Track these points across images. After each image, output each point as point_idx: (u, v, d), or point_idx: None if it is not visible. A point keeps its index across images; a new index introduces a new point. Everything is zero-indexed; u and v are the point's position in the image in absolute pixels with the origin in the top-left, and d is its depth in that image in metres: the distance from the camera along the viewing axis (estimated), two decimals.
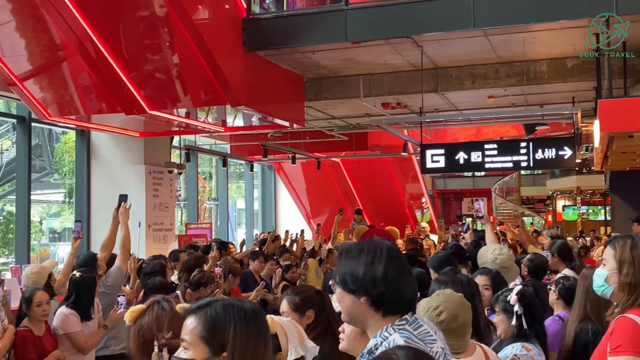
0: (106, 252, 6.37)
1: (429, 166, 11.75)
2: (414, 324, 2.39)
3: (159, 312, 2.67)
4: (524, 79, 10.21)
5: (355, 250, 2.50)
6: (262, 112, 9.74)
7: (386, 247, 2.48)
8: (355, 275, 2.41)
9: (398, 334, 2.33)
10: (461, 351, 3.07)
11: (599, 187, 22.75)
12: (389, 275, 2.39)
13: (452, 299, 3.12)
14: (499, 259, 5.12)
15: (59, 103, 9.38)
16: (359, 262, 2.44)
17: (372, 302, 2.39)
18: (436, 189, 31.70)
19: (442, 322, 3.00)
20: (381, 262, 2.41)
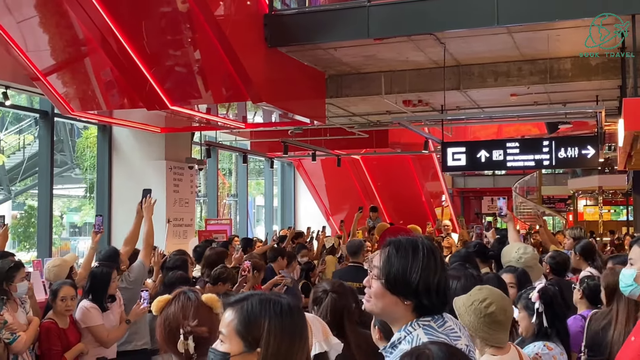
0: (129, 246, 6.38)
1: (450, 164, 11.69)
2: (439, 321, 2.36)
3: (184, 302, 2.69)
4: (547, 77, 10.11)
5: (410, 248, 2.38)
6: (282, 108, 9.72)
7: (437, 250, 2.41)
8: (409, 281, 2.32)
9: (422, 329, 2.31)
10: (502, 346, 3.05)
11: (622, 187, 22.49)
12: (441, 284, 2.35)
13: (496, 292, 3.13)
14: (523, 258, 5.07)
15: (81, 98, 9.43)
16: (414, 266, 2.33)
17: (416, 306, 2.34)
18: (456, 188, 31.56)
19: (491, 313, 2.99)
20: (437, 270, 2.34)
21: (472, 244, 6.98)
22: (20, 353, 5.02)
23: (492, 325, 3.00)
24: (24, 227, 19.46)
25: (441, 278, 2.34)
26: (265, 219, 20.50)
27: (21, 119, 20.17)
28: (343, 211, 19.99)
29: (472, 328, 3.02)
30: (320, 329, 2.64)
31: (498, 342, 3.05)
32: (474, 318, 3.03)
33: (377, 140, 15.89)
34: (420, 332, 2.29)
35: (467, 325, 3.04)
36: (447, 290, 2.38)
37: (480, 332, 3.02)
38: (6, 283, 5.16)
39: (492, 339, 3.03)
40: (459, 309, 3.11)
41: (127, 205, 11.85)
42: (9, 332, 4.90)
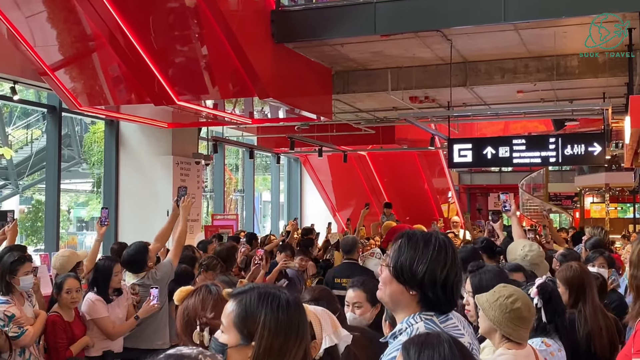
0: (159, 243, 6.31)
1: (457, 160, 11.68)
2: (442, 317, 2.38)
3: (205, 295, 2.75)
4: (554, 74, 10.10)
5: (421, 240, 2.40)
6: (289, 104, 9.74)
7: (452, 246, 2.40)
8: (415, 272, 2.34)
9: (423, 323, 2.33)
10: (523, 342, 3.08)
11: (628, 184, 22.43)
12: (450, 280, 2.35)
13: (519, 290, 3.17)
14: (529, 255, 5.08)
15: (89, 93, 9.47)
16: (422, 257, 2.35)
17: (421, 298, 2.36)
18: (462, 184, 31.51)
19: (517, 309, 3.04)
20: (446, 265, 2.34)
21: (480, 239, 6.99)
22: (28, 346, 5.06)
23: (516, 321, 3.05)
24: (32, 222, 19.53)
25: (450, 273, 2.34)
26: (271, 215, 20.54)
27: (29, 114, 20.24)
28: (349, 207, 20.02)
29: (496, 323, 3.06)
30: (330, 321, 2.65)
31: (520, 339, 3.08)
32: (499, 313, 3.06)
33: (384, 136, 15.90)
34: (420, 326, 2.31)
35: (493, 321, 3.07)
36: (456, 287, 2.37)
37: (504, 327, 3.06)
38: (9, 276, 5.19)
39: (515, 334, 3.07)
40: (482, 304, 3.14)
41: (133, 199, 11.93)
42: (16, 325, 4.94)
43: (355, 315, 3.91)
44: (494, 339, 3.13)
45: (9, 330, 4.88)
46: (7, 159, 19.58)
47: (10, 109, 19.43)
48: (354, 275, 6.52)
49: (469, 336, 2.42)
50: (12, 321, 4.92)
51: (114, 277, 5.63)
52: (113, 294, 5.68)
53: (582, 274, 4.54)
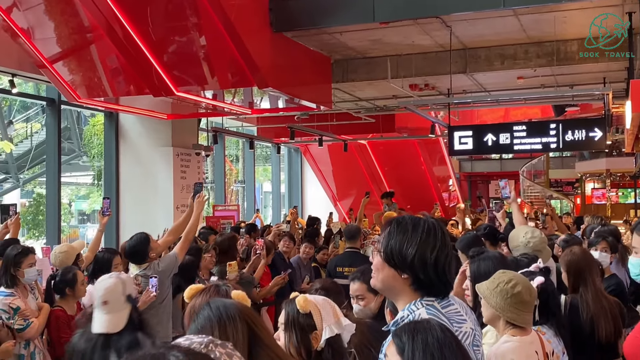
0: (172, 237, 6.25)
1: (457, 148, 11.67)
2: (444, 302, 2.37)
3: (213, 294, 2.73)
4: (554, 60, 10.06)
5: (410, 224, 2.40)
6: (289, 93, 9.71)
7: (441, 229, 2.40)
8: (405, 255, 2.35)
9: (425, 309, 2.31)
10: (528, 326, 3.07)
11: (629, 169, 22.43)
12: (440, 261, 2.34)
13: (519, 275, 3.17)
14: (531, 242, 5.05)
15: (87, 85, 9.44)
16: (411, 240, 2.35)
17: (413, 281, 2.35)
18: (463, 172, 31.51)
19: (517, 294, 3.04)
20: (436, 246, 2.34)
21: (482, 226, 6.97)
22: (32, 339, 5.05)
23: (518, 306, 3.04)
24: (33, 215, 19.52)
25: (440, 255, 2.33)
26: (272, 205, 20.53)
27: (28, 107, 20.19)
28: (350, 196, 20.01)
29: (499, 309, 3.06)
30: (331, 311, 2.64)
31: (524, 323, 3.08)
32: (501, 299, 3.06)
33: (384, 124, 15.87)
34: (422, 312, 2.30)
35: (495, 307, 3.06)
36: (448, 268, 2.36)
37: (507, 313, 3.05)
38: (14, 269, 5.18)
39: (519, 319, 3.06)
40: (483, 292, 3.13)
41: (134, 191, 11.92)
42: (22, 318, 4.93)
43: (360, 307, 3.92)
44: (498, 326, 3.12)
45: (14, 322, 4.87)
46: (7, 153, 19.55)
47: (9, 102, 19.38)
48: (355, 264, 6.52)
49: (471, 322, 2.41)
50: (17, 314, 4.92)
51: (113, 269, 5.59)
52: None
53: (581, 258, 4.53)
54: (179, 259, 5.96)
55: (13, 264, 5.19)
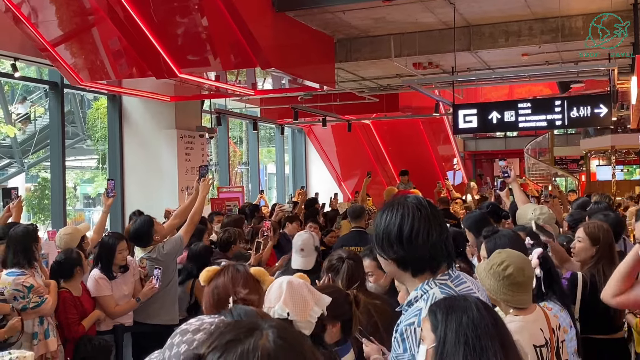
0: (177, 220, 6.24)
1: (462, 126, 11.63)
2: (457, 280, 2.36)
3: (234, 273, 2.74)
4: (559, 36, 9.98)
5: (383, 209, 2.43)
6: (292, 74, 9.67)
7: (415, 205, 2.36)
8: (378, 237, 2.38)
9: (438, 288, 2.30)
10: (525, 307, 3.06)
11: (635, 146, 22.35)
12: (421, 235, 2.30)
13: (514, 254, 3.14)
14: (541, 218, 5.03)
15: (90, 68, 9.41)
16: (381, 222, 2.38)
17: (399, 263, 2.35)
18: (467, 151, 31.45)
19: (509, 275, 3.02)
20: (409, 222, 2.31)
21: (485, 204, 6.96)
22: (47, 315, 5.07)
23: (511, 287, 3.02)
24: (38, 200, 19.56)
25: (420, 229, 2.30)
26: (277, 187, 20.53)
27: (31, 91, 20.16)
28: (354, 177, 19.99)
29: (492, 291, 3.05)
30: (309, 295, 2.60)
31: (520, 304, 3.06)
32: (494, 281, 3.05)
33: (388, 104, 15.81)
34: (436, 291, 2.29)
35: (488, 289, 3.05)
36: (434, 241, 2.31)
37: (501, 295, 3.04)
38: (35, 244, 5.22)
39: (513, 300, 3.05)
40: (480, 274, 3.13)
41: (139, 174, 11.92)
42: (36, 295, 4.95)
43: (372, 284, 3.95)
44: (500, 307, 3.12)
45: (29, 300, 4.88)
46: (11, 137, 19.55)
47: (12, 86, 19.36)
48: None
49: (484, 299, 2.40)
50: (31, 291, 4.93)
51: (118, 254, 5.60)
52: (118, 271, 5.66)
53: (609, 231, 4.50)
54: (184, 242, 5.96)
55: (33, 240, 5.21)
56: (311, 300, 2.59)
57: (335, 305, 2.94)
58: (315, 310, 2.56)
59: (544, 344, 2.98)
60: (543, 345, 2.97)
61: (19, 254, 5.11)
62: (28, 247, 5.16)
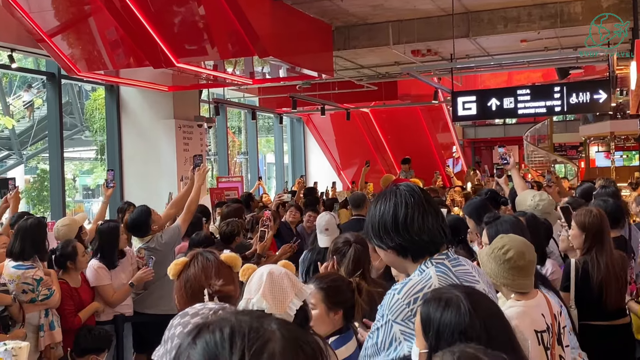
0: (174, 210, 6.24)
1: (461, 114, 11.60)
2: (455, 261, 2.36)
3: (204, 263, 2.67)
4: (558, 21, 9.95)
5: (376, 199, 2.44)
6: (290, 62, 9.63)
7: (407, 191, 2.37)
8: (374, 228, 2.39)
9: (434, 267, 2.30)
10: (526, 291, 3.05)
11: (634, 132, 22.31)
12: (416, 220, 2.32)
13: (516, 239, 3.14)
14: (540, 205, 5.02)
15: (87, 58, 9.37)
16: (375, 213, 2.39)
17: (399, 251, 2.36)
18: (467, 138, 31.41)
19: (509, 259, 3.01)
20: (402, 209, 2.33)
21: (484, 190, 6.94)
22: (54, 307, 5.07)
23: (512, 271, 3.01)
24: (38, 191, 19.57)
25: (414, 215, 2.31)
26: (276, 176, 20.51)
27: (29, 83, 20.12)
28: (354, 165, 19.96)
29: (493, 275, 3.04)
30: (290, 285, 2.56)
31: (521, 288, 3.04)
32: (495, 265, 3.04)
33: (386, 92, 15.76)
34: (432, 270, 2.29)
35: (489, 274, 3.04)
36: (430, 225, 2.32)
37: (501, 279, 3.03)
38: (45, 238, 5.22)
39: (514, 284, 3.03)
40: (481, 259, 3.12)
41: (137, 165, 11.89)
42: (45, 287, 4.94)
43: None
44: (502, 292, 3.10)
45: (39, 293, 4.88)
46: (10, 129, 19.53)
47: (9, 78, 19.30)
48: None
49: (484, 283, 2.39)
50: (40, 284, 4.92)
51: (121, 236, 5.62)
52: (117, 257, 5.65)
53: (601, 219, 4.48)
54: (182, 231, 5.94)
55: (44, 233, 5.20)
56: (291, 291, 2.54)
57: (337, 292, 2.93)
58: (295, 303, 2.52)
59: (545, 329, 2.97)
60: (544, 331, 2.96)
61: (28, 245, 5.08)
62: (38, 239, 5.15)
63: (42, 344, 4.96)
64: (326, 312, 2.90)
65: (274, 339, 1.09)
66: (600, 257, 4.35)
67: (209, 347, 1.07)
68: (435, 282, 2.24)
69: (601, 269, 4.32)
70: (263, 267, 2.62)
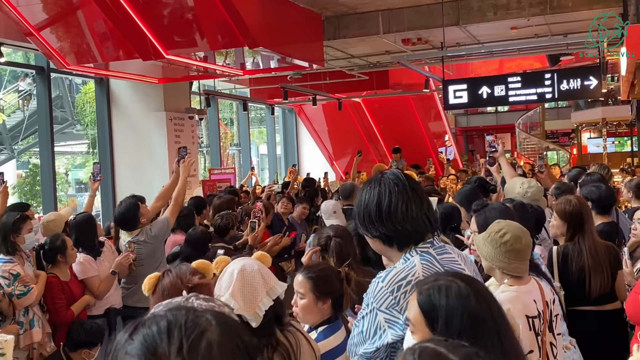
0: (160, 202, 6.22)
1: (452, 102, 11.60)
2: (440, 249, 2.36)
3: (178, 271, 2.67)
4: (548, 8, 9.94)
5: (362, 188, 2.45)
6: (280, 53, 9.60)
7: (392, 180, 2.37)
8: (360, 217, 2.39)
9: (419, 256, 2.30)
10: (521, 275, 3.07)
11: (625, 117, 22.34)
12: (400, 209, 2.32)
13: (513, 224, 3.18)
14: (529, 192, 5.02)
15: (76, 51, 9.32)
16: (361, 201, 2.40)
17: (382, 240, 2.37)
18: (459, 127, 31.44)
19: (506, 242, 3.03)
20: (387, 197, 2.33)
21: (473, 178, 6.94)
22: (32, 306, 5.04)
23: (508, 254, 3.03)
24: (30, 186, 19.51)
25: (400, 204, 2.31)
26: (269, 167, 20.50)
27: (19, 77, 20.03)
28: (347, 155, 19.96)
29: (490, 258, 3.06)
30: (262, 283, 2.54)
31: (517, 272, 3.06)
32: (491, 249, 3.06)
33: (378, 81, 15.75)
34: (417, 259, 2.29)
35: (485, 257, 3.06)
36: (414, 214, 2.31)
37: (497, 262, 3.05)
38: (13, 235, 5.15)
39: (510, 268, 3.05)
40: (477, 243, 3.14)
41: (129, 158, 11.86)
42: (22, 284, 4.92)
43: None
44: (496, 276, 3.12)
45: (14, 289, 4.86)
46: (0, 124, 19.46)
47: None
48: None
49: (469, 272, 2.38)
50: (17, 280, 4.90)
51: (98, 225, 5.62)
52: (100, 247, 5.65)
53: (581, 207, 4.51)
54: (170, 223, 5.94)
55: (12, 231, 5.16)
56: (262, 290, 2.52)
57: (325, 282, 2.93)
58: (265, 302, 2.50)
59: (536, 315, 2.98)
60: (535, 317, 2.97)
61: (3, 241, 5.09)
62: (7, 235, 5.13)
63: (22, 342, 4.94)
64: (314, 301, 2.90)
65: (210, 329, 1.10)
66: (582, 243, 4.38)
67: (147, 341, 1.08)
68: (419, 271, 2.24)
69: (582, 255, 4.35)
70: (235, 262, 2.59)
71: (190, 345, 1.06)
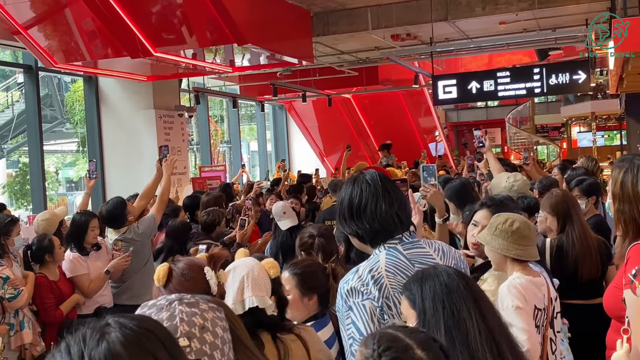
0: (144, 201, 6.22)
1: (442, 97, 11.62)
2: (409, 244, 2.40)
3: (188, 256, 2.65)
4: (536, 3, 9.96)
5: (349, 182, 2.52)
6: (269, 49, 9.59)
7: (363, 180, 2.45)
8: (338, 214, 2.49)
9: (386, 251, 2.38)
10: (537, 259, 3.14)
11: (614, 111, 22.42)
12: (370, 209, 2.40)
13: (514, 214, 3.20)
14: (515, 185, 5.03)
15: (64, 50, 9.28)
16: (338, 200, 2.51)
17: (357, 237, 2.46)
18: (449, 122, 31.46)
19: (517, 229, 3.05)
20: (355, 197, 2.42)
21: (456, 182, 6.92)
22: (22, 308, 5.02)
23: (521, 241, 3.04)
24: (20, 185, 19.42)
25: (369, 203, 2.39)
26: (260, 164, 20.49)
27: (8, 76, 19.94)
28: (337, 151, 19.97)
29: (504, 250, 3.05)
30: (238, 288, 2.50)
31: (532, 256, 3.08)
32: (502, 240, 3.05)
33: (367, 77, 15.75)
34: (382, 255, 2.37)
35: (498, 250, 3.04)
36: (385, 213, 2.38)
37: (512, 251, 3.04)
38: (4, 238, 5.13)
39: (526, 254, 3.06)
40: (485, 239, 3.12)
41: (118, 156, 11.82)
42: (12, 287, 4.90)
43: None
44: (507, 268, 3.10)
45: (5, 292, 4.83)
46: None
47: None
48: None
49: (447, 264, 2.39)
50: (6, 283, 4.88)
51: (90, 231, 5.54)
52: (91, 249, 5.60)
53: (565, 198, 4.53)
54: (157, 221, 5.94)
55: (3, 233, 5.14)
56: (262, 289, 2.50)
57: (310, 278, 2.93)
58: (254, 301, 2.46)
59: (542, 308, 3.00)
60: (541, 310, 2.99)
61: None
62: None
63: (13, 344, 4.92)
64: (300, 297, 2.90)
65: (108, 331, 1.11)
66: (573, 232, 4.41)
67: None
68: (382, 265, 2.33)
69: (576, 245, 4.37)
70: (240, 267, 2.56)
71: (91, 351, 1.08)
